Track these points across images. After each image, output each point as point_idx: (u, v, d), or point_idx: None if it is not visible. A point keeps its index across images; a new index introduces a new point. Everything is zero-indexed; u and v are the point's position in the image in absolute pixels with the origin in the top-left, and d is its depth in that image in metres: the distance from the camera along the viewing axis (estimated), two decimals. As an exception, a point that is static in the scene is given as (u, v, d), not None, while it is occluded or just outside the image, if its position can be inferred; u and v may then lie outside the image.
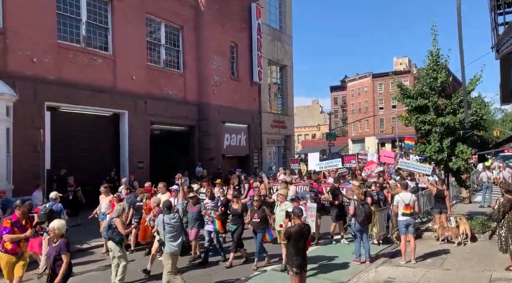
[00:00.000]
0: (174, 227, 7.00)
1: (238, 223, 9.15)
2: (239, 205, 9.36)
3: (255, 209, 9.00)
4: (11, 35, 13.39)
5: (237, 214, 9.21)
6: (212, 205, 9.77)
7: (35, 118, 13.81)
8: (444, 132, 12.06)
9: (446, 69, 12.66)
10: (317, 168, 16.52)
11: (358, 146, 64.54)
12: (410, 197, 9.29)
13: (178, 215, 7.22)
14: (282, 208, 8.74)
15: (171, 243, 6.95)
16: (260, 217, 8.80)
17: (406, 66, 69.10)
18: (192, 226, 9.54)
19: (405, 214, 9.13)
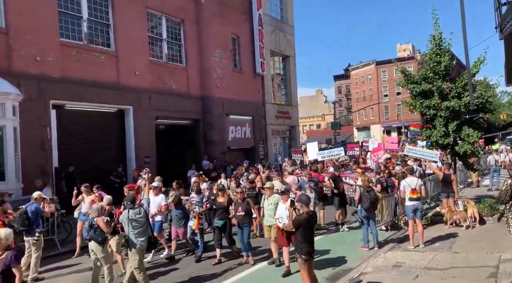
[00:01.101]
0: (139, 223, 6.77)
1: (224, 217, 8.77)
2: (225, 198, 8.96)
3: (239, 202, 8.69)
4: (14, 35, 13.46)
5: (223, 208, 8.82)
6: (197, 200, 9.44)
7: (41, 117, 13.91)
8: (450, 116, 12.01)
9: (449, 52, 12.56)
10: (319, 157, 16.44)
11: (363, 134, 64.30)
12: (417, 181, 9.29)
13: (143, 210, 6.96)
14: (271, 202, 8.47)
15: (138, 239, 6.76)
16: (244, 210, 8.54)
17: (410, 52, 68.45)
18: (177, 225, 9.27)
19: (412, 198, 9.12)
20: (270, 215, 8.35)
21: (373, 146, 21.23)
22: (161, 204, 9.37)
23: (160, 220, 9.49)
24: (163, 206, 9.33)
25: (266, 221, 8.54)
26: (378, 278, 7.10)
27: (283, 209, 7.58)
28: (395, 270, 7.60)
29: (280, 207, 7.80)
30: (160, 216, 9.47)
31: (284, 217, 7.40)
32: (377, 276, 7.24)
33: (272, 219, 8.21)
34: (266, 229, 8.59)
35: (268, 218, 8.48)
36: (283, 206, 7.64)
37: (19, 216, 8.23)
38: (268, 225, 8.46)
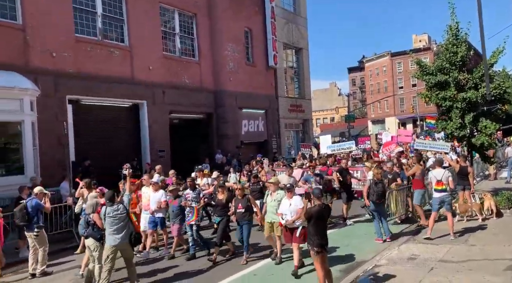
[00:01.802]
0: (118, 219, 6.62)
1: (222, 214, 8.56)
2: (224, 195, 8.70)
3: (238, 198, 8.39)
4: (31, 32, 13.70)
5: (222, 205, 8.59)
6: (193, 196, 9.08)
7: (58, 112, 14.17)
8: (466, 107, 11.81)
9: (466, 43, 12.31)
10: (328, 151, 16.16)
11: (378, 127, 63.65)
12: (443, 173, 9.20)
13: (122, 206, 6.76)
14: (274, 198, 8.14)
15: (114, 236, 6.60)
16: (244, 207, 8.22)
17: (426, 43, 67.20)
18: (174, 221, 8.99)
19: (437, 190, 9.12)
20: (273, 212, 8.05)
21: (386, 138, 20.94)
22: (160, 200, 9.16)
23: (161, 216, 9.32)
24: (163, 201, 9.14)
25: (268, 217, 8.19)
26: (392, 271, 7.08)
27: (287, 205, 7.42)
28: (409, 262, 7.56)
29: (284, 203, 7.56)
30: (160, 212, 9.27)
31: (288, 213, 7.31)
32: (391, 269, 7.21)
33: (275, 216, 7.94)
34: (266, 225, 8.23)
35: (270, 215, 8.14)
36: (287, 202, 7.48)
37: (19, 211, 8.20)
38: (269, 222, 8.11)
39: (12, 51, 13.17)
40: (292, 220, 7.28)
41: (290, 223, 7.30)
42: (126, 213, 6.80)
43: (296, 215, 7.28)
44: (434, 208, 9.27)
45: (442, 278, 6.56)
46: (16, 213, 8.29)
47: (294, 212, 7.32)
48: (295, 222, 7.29)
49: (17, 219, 8.27)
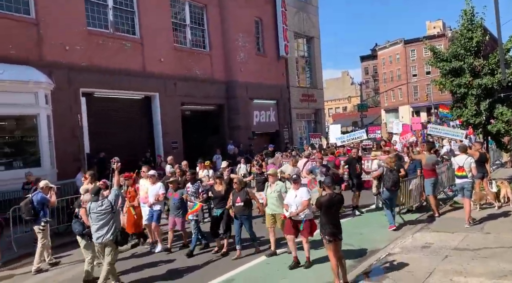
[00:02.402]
0: (102, 215, 6.40)
1: (222, 206, 8.29)
2: (223, 186, 8.46)
3: (236, 191, 8.05)
4: (44, 25, 13.86)
5: (220, 197, 8.37)
6: (193, 190, 8.82)
7: (72, 105, 14.38)
8: (482, 94, 11.59)
9: (482, 28, 12.03)
10: (338, 142, 15.94)
11: (391, 116, 62.85)
12: (464, 159, 9.11)
13: (108, 202, 6.49)
14: (274, 189, 7.91)
15: (98, 232, 6.42)
16: (243, 200, 7.90)
17: (440, 29, 65.74)
18: (174, 214, 8.72)
19: (457, 176, 9.13)
20: (273, 203, 7.86)
21: (397, 127, 20.63)
22: (158, 192, 8.93)
23: (158, 210, 9.04)
24: (161, 194, 8.93)
25: (269, 209, 7.98)
26: (406, 259, 7.05)
27: (293, 196, 7.15)
28: (423, 250, 7.52)
29: (290, 194, 7.28)
30: (158, 205, 9.02)
31: (293, 205, 7.05)
32: (405, 257, 7.19)
33: (275, 207, 7.80)
34: (268, 217, 8.03)
35: (270, 206, 7.93)
36: (293, 193, 7.19)
37: (24, 205, 8.17)
38: (270, 214, 7.94)
39: (27, 45, 13.36)
40: (297, 212, 6.99)
41: (294, 215, 7.02)
42: (112, 209, 6.48)
43: (301, 207, 7.01)
44: (461, 194, 9.27)
45: (456, 266, 6.52)
46: (22, 207, 8.27)
47: (300, 203, 7.03)
48: (300, 215, 7.03)
49: (23, 213, 8.28)
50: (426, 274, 6.29)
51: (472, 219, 8.99)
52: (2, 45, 12.73)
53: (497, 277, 5.99)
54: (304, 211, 7.01)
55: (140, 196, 9.17)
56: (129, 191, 9.40)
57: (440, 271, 6.38)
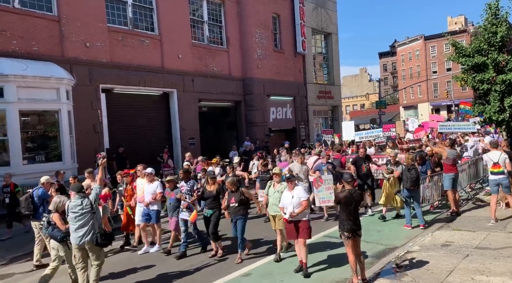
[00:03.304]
0: (81, 215, 5.96)
1: (214, 206, 8.00)
2: (215, 186, 8.17)
3: (231, 191, 7.73)
4: (66, 23, 14.12)
5: (212, 197, 8.04)
6: (187, 188, 8.41)
7: (93, 101, 14.63)
8: (506, 90, 11.32)
9: (507, 22, 11.73)
10: (356, 138, 15.88)
11: (410, 113, 61.88)
12: (499, 155, 8.92)
13: (86, 201, 6.02)
14: (278, 189, 7.50)
15: (77, 233, 5.97)
16: (237, 201, 7.57)
17: (462, 25, 64.29)
18: (171, 214, 8.42)
19: (493, 172, 8.93)
20: (275, 204, 7.42)
21: (412, 125, 20.26)
22: (155, 191, 8.54)
23: (156, 209, 8.64)
24: (158, 193, 8.54)
25: (272, 210, 7.61)
26: (425, 257, 6.95)
27: (290, 198, 6.78)
28: (443, 249, 7.39)
29: (286, 195, 6.90)
30: (156, 205, 8.62)
31: (290, 207, 6.69)
32: (424, 255, 7.08)
33: (278, 208, 7.35)
34: (271, 219, 7.74)
35: (273, 207, 7.54)
36: (289, 194, 6.82)
37: (24, 200, 8.00)
38: (273, 215, 7.59)
39: (49, 42, 13.65)
40: (297, 212, 6.62)
41: (294, 216, 6.64)
42: (91, 209, 6.03)
43: (300, 207, 6.66)
44: (492, 191, 9.06)
45: (478, 265, 6.39)
46: (21, 202, 8.13)
47: (298, 204, 6.68)
48: (300, 216, 6.69)
49: (22, 208, 8.11)
50: (446, 273, 6.17)
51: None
52: (26, 42, 13.06)
53: (520, 277, 5.84)
54: (303, 211, 6.69)
55: (137, 196, 8.84)
56: (127, 189, 9.19)
57: (461, 270, 6.26)
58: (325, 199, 9.77)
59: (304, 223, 6.74)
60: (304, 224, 6.73)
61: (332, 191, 9.55)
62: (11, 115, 12.04)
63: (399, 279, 6.17)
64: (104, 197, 9.08)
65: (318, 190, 9.82)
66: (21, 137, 12.36)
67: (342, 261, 6.86)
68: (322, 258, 7.42)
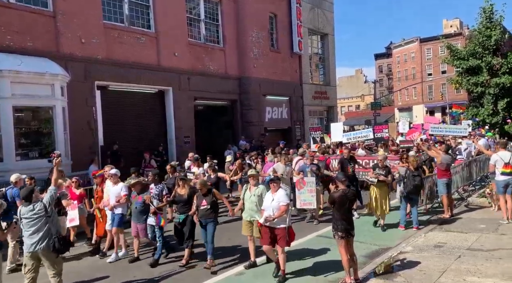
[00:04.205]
0: (34, 220, 5.59)
1: (185, 211, 7.51)
2: (186, 189, 7.66)
3: (201, 194, 7.29)
4: (61, 18, 14.00)
5: (183, 201, 7.58)
6: (156, 192, 7.88)
7: (88, 97, 14.53)
8: (499, 93, 11.42)
9: (501, 26, 11.84)
10: (344, 139, 15.47)
11: (405, 115, 62.13)
12: (510, 155, 8.96)
13: (41, 205, 5.64)
14: (254, 193, 7.01)
15: (30, 240, 5.57)
16: (209, 203, 7.16)
17: (457, 28, 64.66)
18: (137, 220, 7.79)
19: (504, 173, 8.89)
20: (252, 209, 7.00)
21: (403, 127, 19.72)
22: (120, 194, 8.03)
23: (120, 213, 8.10)
24: (123, 196, 8.01)
25: (246, 214, 7.14)
26: (418, 258, 6.99)
27: (270, 200, 6.47)
28: (436, 250, 7.45)
29: (267, 198, 6.57)
30: (120, 208, 8.09)
31: (270, 210, 6.34)
32: (417, 255, 7.13)
33: (254, 213, 6.95)
34: (245, 224, 7.18)
35: (249, 212, 7.07)
36: (270, 196, 6.51)
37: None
38: (249, 220, 7.09)
39: (44, 38, 13.53)
40: (274, 217, 6.28)
41: (271, 220, 6.30)
42: (46, 213, 5.64)
43: (278, 212, 6.32)
44: (499, 191, 9.04)
45: (470, 266, 6.44)
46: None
47: (277, 208, 6.34)
48: (278, 222, 6.35)
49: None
50: (438, 273, 6.22)
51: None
52: (21, 37, 12.93)
53: (511, 278, 5.89)
54: (281, 216, 6.35)
55: (104, 199, 8.41)
56: (97, 191, 8.82)
57: (453, 271, 6.31)
58: (306, 202, 9.60)
59: (282, 230, 6.37)
60: (281, 231, 6.37)
61: (314, 194, 9.45)
62: (5, 111, 11.91)
63: (391, 279, 6.20)
64: (79, 197, 8.91)
65: (300, 192, 9.65)
66: (15, 133, 12.21)
67: (335, 261, 6.87)
68: (313, 258, 7.43)
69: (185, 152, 16.71)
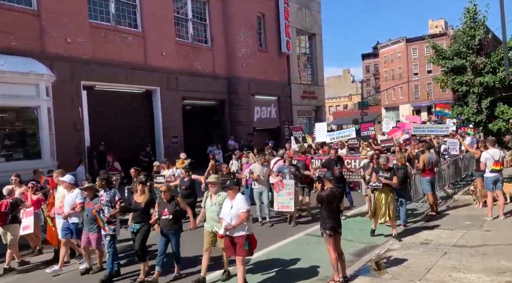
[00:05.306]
0: None
1: (141, 220, 6.73)
2: (144, 196, 6.86)
3: (163, 201, 6.66)
4: (46, 17, 13.80)
5: (140, 210, 6.76)
6: (107, 199, 7.04)
7: (73, 98, 14.34)
8: (483, 92, 11.62)
9: (484, 26, 12.04)
10: (327, 139, 15.33)
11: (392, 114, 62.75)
12: (500, 153, 9.12)
13: None
14: (215, 201, 6.43)
15: None
16: (172, 212, 6.50)
17: (442, 28, 65.57)
18: (88, 229, 7.06)
19: (494, 170, 9.02)
20: (213, 218, 6.40)
21: (387, 126, 19.68)
22: (75, 201, 7.42)
23: (76, 223, 7.48)
24: (78, 203, 7.39)
25: (209, 225, 6.51)
26: (405, 255, 7.08)
27: (229, 208, 5.96)
28: (422, 247, 7.54)
29: (225, 206, 6.06)
30: (75, 217, 7.47)
31: (228, 218, 5.87)
32: (404, 253, 7.21)
33: (216, 223, 6.32)
34: (207, 235, 6.55)
35: (211, 222, 6.47)
36: (229, 203, 6.01)
37: None
38: (210, 231, 6.48)
39: (28, 37, 13.31)
40: (233, 225, 5.81)
41: (230, 229, 5.81)
42: None
43: (237, 220, 5.82)
44: (488, 188, 9.16)
45: (455, 262, 6.54)
46: None
47: (236, 216, 5.85)
48: (237, 230, 5.87)
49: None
50: (425, 270, 6.31)
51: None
52: (4, 37, 12.69)
53: (495, 273, 6.01)
54: (242, 224, 5.85)
55: (55, 206, 7.81)
56: (50, 197, 8.27)
57: (439, 267, 6.40)
58: (284, 204, 9.43)
59: (241, 239, 5.86)
60: (241, 239, 5.86)
61: (292, 196, 9.32)
62: (-12, 111, 11.72)
63: (379, 276, 6.26)
64: (36, 203, 8.39)
65: (278, 194, 9.49)
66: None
67: (323, 259, 6.91)
68: (302, 256, 7.45)
69: (173, 152, 16.62)
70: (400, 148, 12.35)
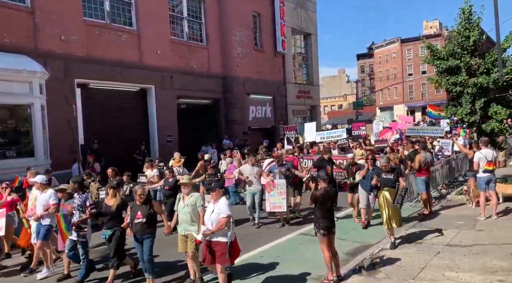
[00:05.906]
0: None
1: (113, 225, 6.47)
2: (116, 200, 6.61)
3: (137, 204, 6.32)
4: (40, 14, 13.69)
5: (111, 214, 6.51)
6: (79, 203, 6.73)
7: (68, 95, 14.25)
8: (477, 93, 11.69)
9: (479, 27, 12.10)
10: (317, 138, 15.27)
11: (386, 114, 63.09)
12: (492, 153, 9.17)
13: None
14: (188, 203, 6.22)
15: None
16: (145, 216, 6.17)
17: (437, 29, 65.98)
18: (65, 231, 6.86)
19: (487, 170, 9.04)
20: (186, 221, 6.20)
21: (377, 127, 19.58)
22: (49, 202, 7.17)
23: (48, 224, 7.17)
24: (52, 205, 7.15)
25: (181, 229, 6.28)
26: (399, 254, 7.10)
27: (210, 212, 5.74)
28: (416, 246, 7.58)
29: (208, 209, 5.85)
30: (48, 219, 7.16)
31: (210, 222, 5.63)
32: (398, 252, 7.24)
33: (189, 227, 6.17)
34: (180, 239, 6.30)
35: (183, 225, 6.25)
36: (211, 207, 5.78)
37: None
38: (183, 235, 6.25)
39: (21, 34, 13.20)
40: (212, 231, 5.53)
41: (208, 234, 5.56)
42: None
43: (217, 225, 5.55)
44: (481, 188, 9.20)
45: (448, 262, 6.58)
46: None
47: (217, 221, 5.59)
48: (217, 236, 5.59)
49: None
50: (418, 269, 6.33)
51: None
52: (-3, 33, 12.58)
53: (488, 273, 6.05)
54: (221, 230, 5.58)
55: (29, 207, 7.60)
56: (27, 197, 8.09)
57: (432, 267, 6.43)
58: (277, 204, 9.33)
59: (221, 246, 5.56)
60: (221, 247, 5.56)
61: (284, 196, 9.27)
62: (-20, 109, 11.60)
63: (373, 275, 6.28)
64: (9, 204, 8.04)
65: (270, 195, 9.39)
66: (-9, 132, 11.93)
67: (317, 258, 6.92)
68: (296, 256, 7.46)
69: (167, 151, 16.56)
70: (392, 149, 12.41)
